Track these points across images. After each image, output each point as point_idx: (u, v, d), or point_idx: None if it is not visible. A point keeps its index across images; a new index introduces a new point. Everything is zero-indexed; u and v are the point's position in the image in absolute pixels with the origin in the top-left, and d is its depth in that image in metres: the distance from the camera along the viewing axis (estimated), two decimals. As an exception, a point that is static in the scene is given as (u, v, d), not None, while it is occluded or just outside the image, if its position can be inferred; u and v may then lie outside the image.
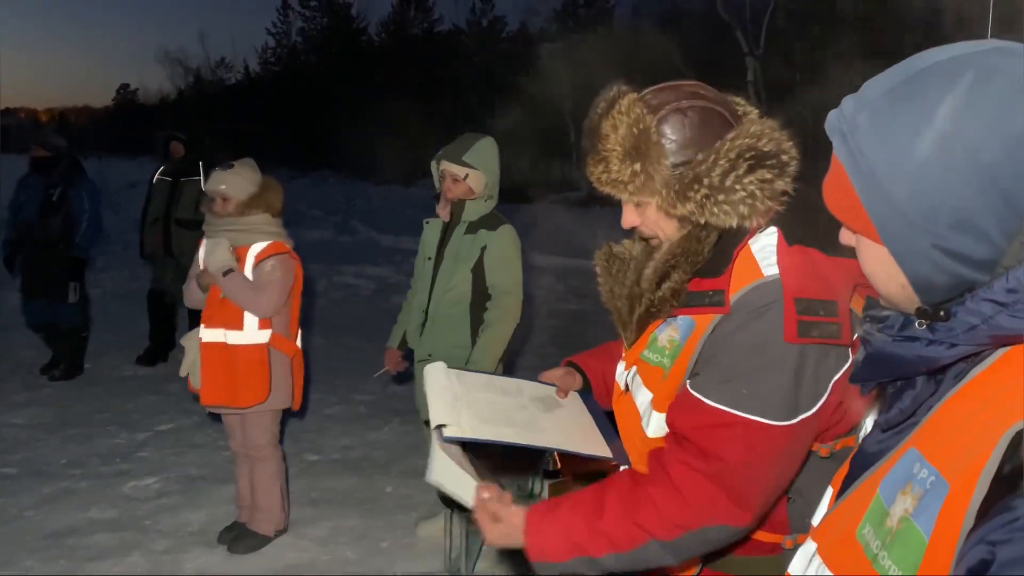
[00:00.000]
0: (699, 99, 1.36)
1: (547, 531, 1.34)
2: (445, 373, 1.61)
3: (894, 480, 0.82)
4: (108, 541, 3.66)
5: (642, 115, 1.34)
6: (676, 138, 1.34)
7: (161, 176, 6.27)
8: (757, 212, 1.32)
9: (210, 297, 3.39)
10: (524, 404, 1.60)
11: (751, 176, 1.30)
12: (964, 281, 0.79)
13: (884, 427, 0.91)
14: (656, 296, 1.40)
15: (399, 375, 3.87)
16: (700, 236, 1.37)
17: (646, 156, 1.33)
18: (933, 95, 0.76)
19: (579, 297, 9.39)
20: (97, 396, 5.68)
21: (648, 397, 1.43)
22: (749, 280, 1.30)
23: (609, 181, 1.38)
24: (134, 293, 8.40)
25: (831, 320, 1.26)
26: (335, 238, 14.28)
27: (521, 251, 3.42)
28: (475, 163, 3.31)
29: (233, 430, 3.58)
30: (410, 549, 3.61)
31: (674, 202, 1.34)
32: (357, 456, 4.68)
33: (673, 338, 1.38)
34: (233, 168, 3.42)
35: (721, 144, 1.32)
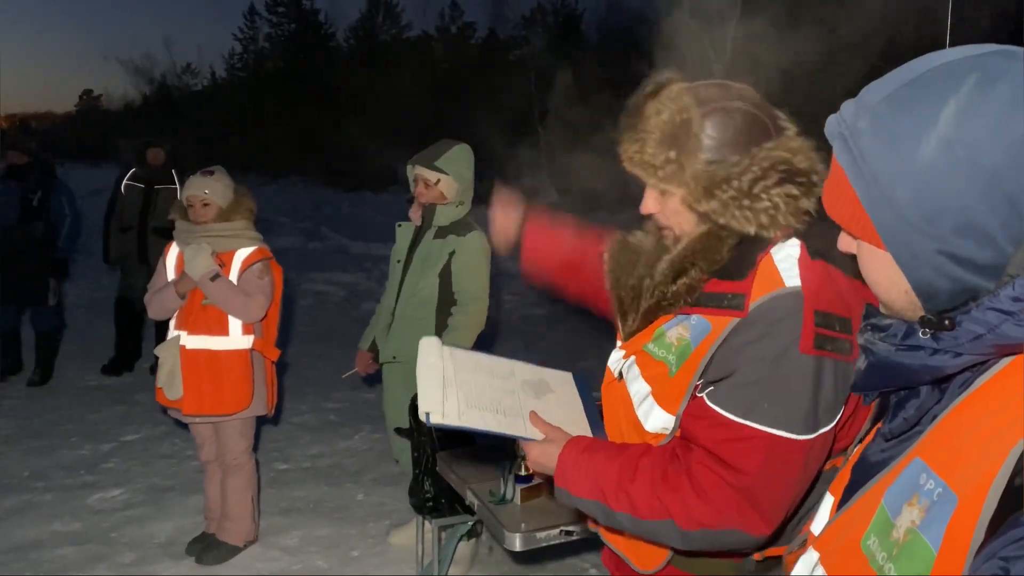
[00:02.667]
0: (745, 103, 1.36)
1: (580, 466, 1.39)
2: (439, 350, 1.58)
3: (899, 490, 0.81)
4: (73, 555, 3.59)
5: (689, 105, 1.33)
6: (716, 136, 1.33)
7: (132, 182, 6.14)
8: (777, 224, 1.32)
9: (189, 304, 3.35)
10: (513, 388, 1.58)
11: (779, 189, 1.31)
12: (968, 288, 0.78)
13: (888, 436, 0.90)
14: (670, 290, 1.40)
15: (368, 377, 3.86)
16: (721, 236, 1.37)
17: (683, 146, 1.33)
18: (935, 98, 0.76)
19: (550, 302, 9.40)
20: (61, 406, 5.57)
21: (646, 389, 1.43)
22: (770, 288, 1.30)
23: (641, 162, 1.38)
24: (99, 302, 8.25)
25: (845, 337, 1.28)
26: (305, 245, 14.16)
27: (491, 258, 3.43)
28: (447, 169, 3.33)
29: (206, 440, 3.53)
30: (382, 557, 3.59)
31: (699, 197, 1.34)
32: (328, 464, 4.64)
33: (683, 337, 1.37)
34: (214, 174, 3.39)
35: (758, 151, 1.32)
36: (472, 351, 1.68)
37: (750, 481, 1.26)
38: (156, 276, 3.52)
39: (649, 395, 1.42)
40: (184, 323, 3.38)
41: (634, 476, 1.34)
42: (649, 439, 1.44)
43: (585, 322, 8.33)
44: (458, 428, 1.44)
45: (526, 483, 2.55)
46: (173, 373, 3.36)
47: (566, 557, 3.53)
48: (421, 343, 1.60)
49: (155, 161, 6.16)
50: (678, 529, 1.31)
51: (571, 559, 3.54)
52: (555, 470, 1.42)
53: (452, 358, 1.58)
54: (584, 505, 1.41)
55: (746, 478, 1.26)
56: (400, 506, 3.95)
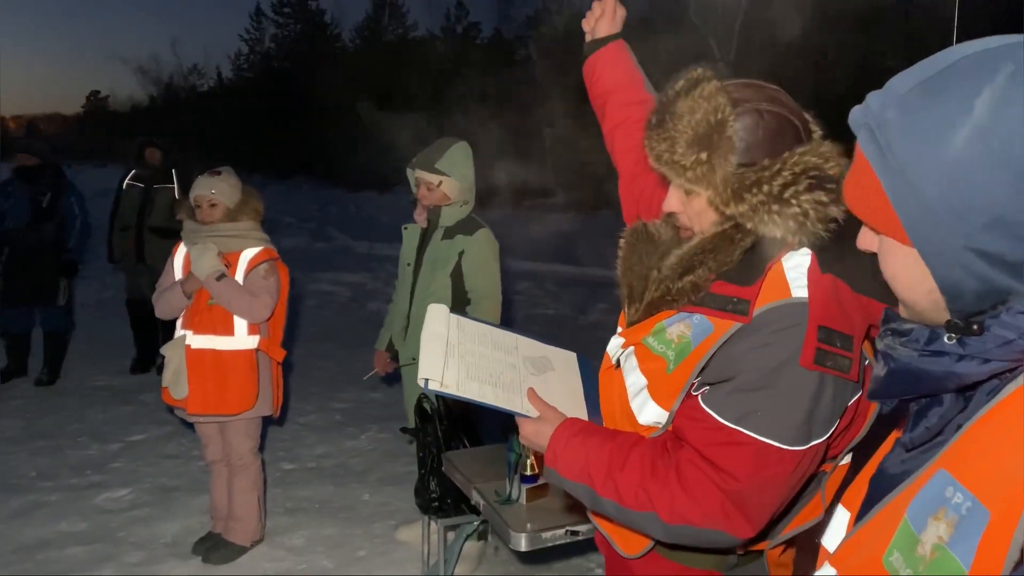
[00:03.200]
0: (779, 105, 1.33)
1: (571, 448, 1.41)
2: (446, 318, 1.58)
3: (924, 504, 0.76)
4: (80, 554, 3.60)
5: (722, 105, 1.30)
6: (747, 138, 1.30)
7: (132, 182, 6.18)
8: (804, 231, 1.29)
9: (195, 304, 3.35)
10: (515, 364, 1.58)
11: (809, 195, 1.28)
12: (997, 288, 0.74)
13: (908, 446, 0.86)
14: (675, 286, 1.38)
15: (387, 377, 3.86)
16: (735, 238, 1.35)
17: (715, 148, 1.30)
18: (969, 88, 0.72)
19: (556, 302, 9.42)
20: (68, 407, 5.59)
21: (642, 382, 1.43)
22: (776, 297, 1.29)
23: (670, 161, 1.34)
24: (105, 303, 8.29)
25: (845, 354, 1.26)
26: (310, 245, 14.19)
27: (499, 254, 3.44)
28: (447, 170, 3.32)
29: (211, 439, 3.54)
30: (388, 556, 3.59)
31: (728, 200, 1.32)
32: (334, 464, 4.65)
33: (684, 335, 1.36)
34: (221, 175, 3.40)
35: (790, 155, 1.29)
36: (480, 322, 1.68)
37: (738, 486, 1.26)
38: (164, 276, 3.53)
39: (644, 388, 1.42)
40: (190, 323, 3.39)
41: (623, 465, 1.35)
42: (641, 431, 1.44)
43: (593, 319, 8.34)
44: (455, 397, 1.45)
45: (532, 483, 2.55)
46: (179, 372, 3.37)
47: (572, 557, 3.53)
48: (429, 308, 1.61)
49: (152, 160, 6.20)
50: (661, 522, 1.31)
51: (577, 559, 3.54)
52: (546, 449, 1.44)
53: (458, 327, 1.59)
54: (571, 487, 1.43)
55: (734, 483, 1.26)
56: (406, 506, 3.95)
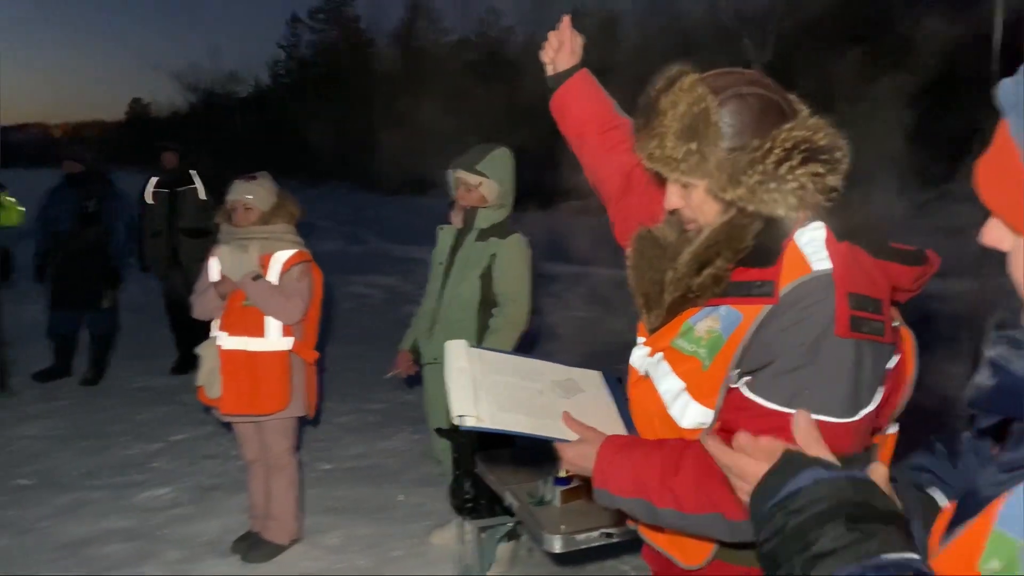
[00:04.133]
0: (759, 87, 1.36)
1: (619, 465, 1.38)
2: (466, 353, 1.57)
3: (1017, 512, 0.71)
4: (123, 551, 3.69)
5: (703, 95, 1.32)
6: (734, 122, 1.32)
7: (157, 188, 6.33)
8: (805, 204, 1.30)
9: (230, 305, 3.42)
10: (543, 389, 1.56)
11: (804, 168, 1.29)
12: None
13: (1006, 468, 0.80)
14: (695, 282, 1.38)
15: (408, 378, 3.89)
16: (744, 223, 1.35)
17: (703, 136, 1.32)
18: None
19: (587, 305, 9.38)
20: (110, 408, 5.72)
21: (679, 385, 1.40)
22: (799, 273, 1.29)
23: (662, 158, 1.36)
24: (146, 306, 8.44)
25: (877, 318, 1.26)
26: (345, 248, 14.34)
27: (531, 261, 3.45)
28: (488, 172, 3.36)
29: (248, 439, 3.60)
30: (423, 557, 3.62)
31: (725, 185, 1.32)
32: (369, 465, 4.70)
33: (713, 329, 1.36)
34: (256, 180, 3.47)
35: (778, 133, 1.31)
36: (498, 352, 1.67)
37: None
38: (201, 277, 3.60)
39: (684, 391, 1.40)
40: (225, 324, 3.45)
41: (677, 471, 1.32)
42: (685, 436, 1.41)
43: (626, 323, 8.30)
44: (491, 430, 1.43)
45: (565, 485, 2.55)
46: (213, 372, 3.43)
47: (606, 559, 3.52)
48: (447, 347, 1.59)
49: (169, 165, 6.33)
50: (727, 521, 1.29)
51: (611, 560, 3.53)
52: (593, 471, 1.40)
53: (481, 360, 1.57)
54: (626, 504, 1.39)
55: None
56: (440, 507, 3.97)
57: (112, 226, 6.12)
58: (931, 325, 5.36)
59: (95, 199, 6.07)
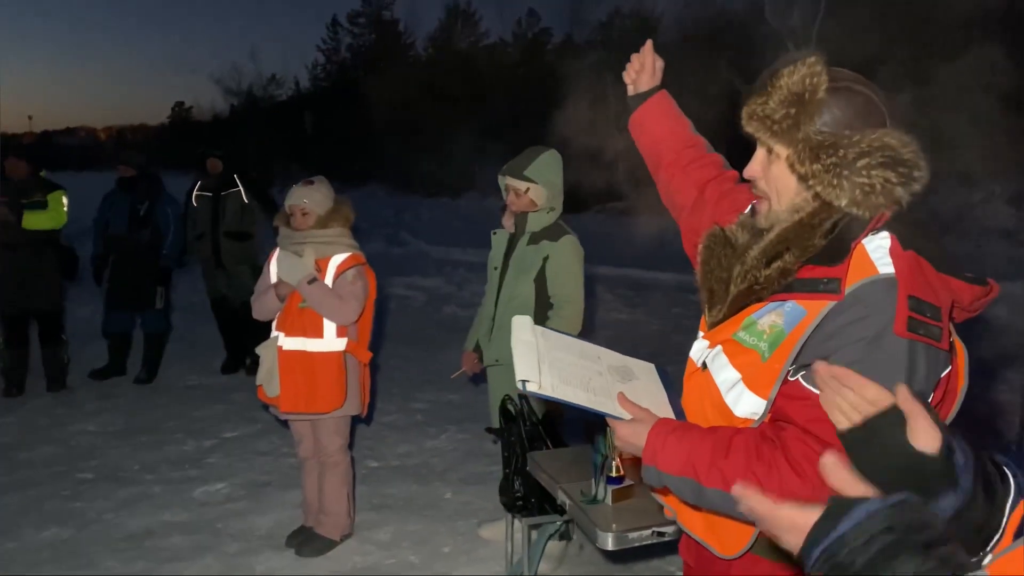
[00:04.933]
0: (871, 91, 1.44)
1: (670, 443, 1.45)
2: (531, 329, 1.66)
3: None
4: (183, 543, 3.81)
5: (820, 73, 1.41)
6: (836, 109, 1.41)
7: (201, 192, 6.52)
8: (868, 204, 1.37)
9: (288, 307, 3.52)
10: (601, 371, 1.65)
11: (879, 171, 1.36)
12: None
13: None
14: (763, 274, 1.45)
15: (464, 379, 3.97)
16: (814, 224, 1.43)
17: (805, 107, 1.40)
18: None
19: (630, 307, 9.41)
20: (164, 405, 5.89)
21: (736, 376, 1.47)
22: (865, 275, 1.36)
23: (760, 116, 1.44)
24: (194, 306, 8.66)
25: (935, 323, 1.32)
26: (386, 250, 14.48)
27: (583, 261, 3.51)
28: (536, 177, 3.42)
29: (303, 436, 3.70)
30: (471, 554, 3.69)
31: (804, 158, 1.40)
32: (416, 463, 4.79)
33: (776, 324, 1.42)
34: (314, 184, 3.58)
35: (870, 132, 1.38)
36: (561, 333, 1.76)
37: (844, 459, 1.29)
38: (261, 279, 3.72)
39: (739, 382, 1.47)
40: (283, 325, 3.56)
41: (727, 453, 1.39)
42: (737, 424, 1.47)
43: (669, 325, 8.31)
44: (551, 398, 1.52)
45: (618, 484, 2.60)
46: (272, 372, 3.54)
47: (652, 559, 3.57)
48: (514, 321, 1.69)
49: (214, 170, 6.51)
50: None
51: (656, 561, 3.57)
52: (644, 448, 1.48)
53: (545, 337, 1.68)
54: (673, 482, 1.46)
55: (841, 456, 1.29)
56: (487, 505, 4.04)
57: (163, 228, 6.31)
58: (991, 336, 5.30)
59: (147, 202, 6.27)
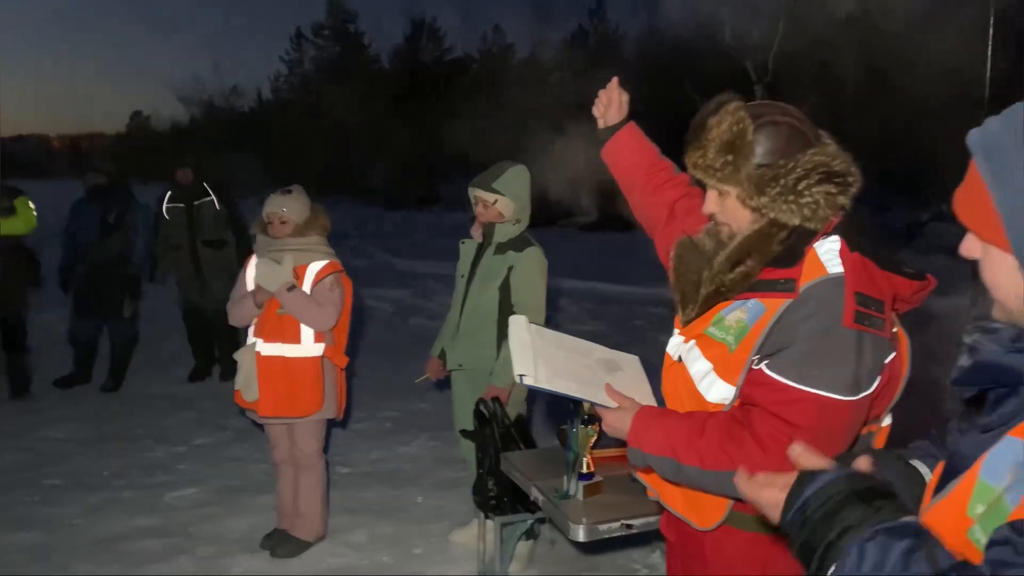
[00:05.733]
0: (791, 118, 1.63)
1: (652, 427, 1.64)
2: (526, 327, 1.83)
3: (998, 464, 0.89)
4: (156, 547, 3.85)
5: (743, 118, 1.60)
6: (766, 144, 1.59)
7: (172, 203, 6.53)
8: (817, 217, 1.58)
9: (265, 313, 3.60)
10: (590, 364, 1.83)
11: (820, 187, 1.57)
12: None
13: (983, 429, 0.98)
14: (728, 278, 1.64)
15: (435, 387, 4.08)
16: (771, 232, 1.61)
17: (739, 151, 1.59)
18: None
19: (594, 319, 9.58)
20: (132, 413, 5.89)
21: (707, 367, 1.65)
22: (816, 275, 1.54)
23: (704, 166, 1.64)
24: (161, 315, 8.60)
25: (879, 315, 1.52)
26: (349, 262, 14.37)
27: (546, 272, 3.65)
28: (503, 190, 3.55)
29: (279, 440, 3.77)
30: (443, 555, 3.79)
31: (752, 194, 1.60)
32: (388, 469, 4.87)
33: (741, 319, 1.60)
34: (292, 193, 3.67)
35: (802, 155, 1.59)
36: (553, 331, 1.93)
37: (804, 435, 1.44)
38: (237, 287, 3.79)
39: (711, 371, 1.65)
40: (261, 331, 3.63)
41: (702, 433, 1.57)
42: (710, 409, 1.65)
43: (628, 336, 8.49)
44: (546, 390, 1.70)
45: (588, 480, 2.73)
46: (250, 377, 3.61)
47: (617, 558, 3.70)
48: (511, 320, 1.86)
49: (184, 181, 6.53)
50: None
51: (622, 560, 3.70)
52: (629, 432, 1.66)
53: (540, 335, 1.85)
54: (655, 461, 1.64)
55: (801, 432, 1.47)
56: (459, 508, 4.14)
57: (132, 237, 6.31)
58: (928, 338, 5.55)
59: (116, 211, 6.27)
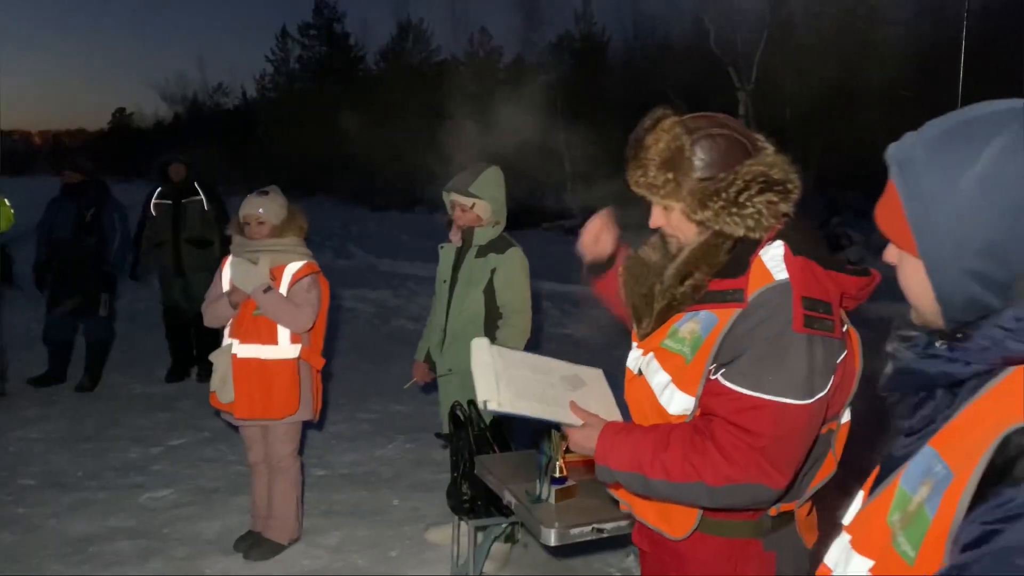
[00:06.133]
0: (728, 129, 1.65)
1: (618, 443, 1.64)
2: (488, 350, 1.83)
3: (916, 474, 0.94)
4: (129, 548, 3.83)
5: (680, 134, 1.62)
6: (704, 157, 1.61)
7: (160, 200, 6.49)
8: (761, 227, 1.60)
9: (241, 314, 3.59)
10: (554, 382, 1.84)
11: (761, 197, 1.59)
12: (981, 303, 0.92)
13: (907, 433, 1.04)
14: (679, 291, 1.66)
15: (412, 390, 4.08)
16: (717, 243, 1.64)
17: (678, 167, 1.62)
18: (981, 138, 0.90)
19: (575, 323, 9.59)
20: (107, 412, 5.84)
21: (666, 379, 1.67)
22: (763, 282, 1.56)
23: (645, 184, 1.66)
24: (138, 314, 8.57)
25: (828, 317, 1.54)
26: (332, 262, 14.44)
27: (528, 272, 3.66)
28: (480, 193, 3.55)
29: (254, 442, 3.76)
30: (418, 557, 3.79)
31: (695, 208, 1.62)
32: (364, 471, 4.86)
33: (695, 331, 1.62)
34: (268, 195, 3.66)
35: (740, 167, 1.60)
36: (516, 351, 1.94)
37: (765, 442, 1.51)
38: (212, 287, 3.77)
39: (670, 383, 1.67)
40: (237, 332, 3.62)
41: (667, 446, 1.58)
42: (673, 421, 1.67)
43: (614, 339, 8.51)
44: (510, 414, 1.70)
45: (561, 484, 2.74)
46: (225, 378, 3.59)
47: (593, 561, 3.71)
48: (473, 344, 1.85)
49: (177, 177, 6.48)
50: (708, 487, 1.53)
51: (597, 563, 3.72)
52: (596, 449, 1.66)
53: (501, 356, 1.85)
54: (623, 477, 1.64)
55: (761, 439, 1.50)
56: (434, 511, 4.15)
57: (109, 235, 6.26)
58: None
59: (92, 208, 6.22)
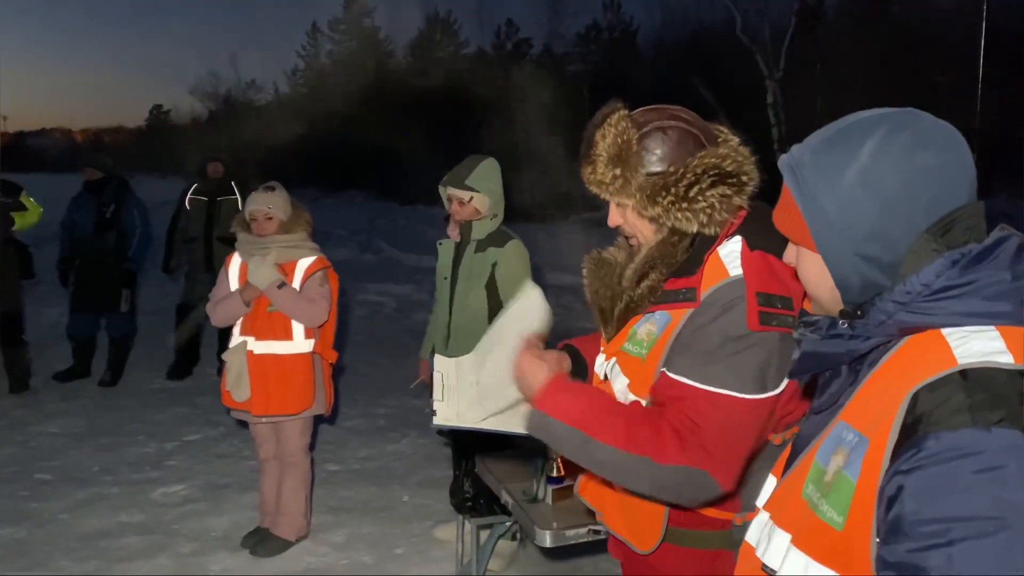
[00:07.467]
0: (679, 121, 1.59)
1: (563, 395, 1.53)
2: (444, 364, 1.82)
3: (828, 447, 1.01)
4: (137, 543, 3.84)
5: (627, 128, 1.57)
6: (653, 151, 1.56)
7: (195, 196, 6.52)
8: (715, 221, 1.53)
9: (254, 311, 3.57)
10: (503, 363, 1.70)
11: (713, 191, 1.52)
12: (874, 283, 1.02)
13: (817, 411, 1.11)
14: (635, 293, 1.61)
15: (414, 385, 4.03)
16: (674, 242, 1.58)
17: (626, 163, 1.56)
18: (857, 140, 1.03)
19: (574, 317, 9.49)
20: (127, 407, 5.90)
21: (625, 383, 1.61)
22: (718, 279, 1.50)
23: (595, 181, 1.61)
24: (164, 309, 8.64)
25: (788, 313, 1.46)
26: (359, 257, 14.51)
27: (530, 263, 3.57)
28: (477, 186, 3.46)
29: (266, 439, 3.75)
30: (424, 555, 3.75)
31: (645, 205, 1.56)
32: (376, 467, 4.84)
33: (651, 331, 1.58)
34: (274, 190, 3.63)
35: (691, 160, 1.54)
36: (472, 354, 1.82)
37: (711, 434, 1.44)
38: (217, 286, 3.74)
39: (627, 386, 1.60)
40: (251, 329, 3.60)
41: (618, 414, 1.50)
42: None
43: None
44: (460, 428, 1.71)
45: (558, 484, 2.68)
46: (240, 377, 3.58)
47: (600, 560, 3.64)
48: (435, 359, 1.85)
49: (215, 174, 6.51)
50: (652, 464, 1.44)
51: (605, 562, 3.64)
52: (539, 388, 1.53)
53: (456, 368, 1.82)
54: (558, 430, 1.50)
55: (708, 432, 1.44)
56: (445, 507, 4.10)
57: (129, 231, 6.31)
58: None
59: (112, 205, 6.27)
